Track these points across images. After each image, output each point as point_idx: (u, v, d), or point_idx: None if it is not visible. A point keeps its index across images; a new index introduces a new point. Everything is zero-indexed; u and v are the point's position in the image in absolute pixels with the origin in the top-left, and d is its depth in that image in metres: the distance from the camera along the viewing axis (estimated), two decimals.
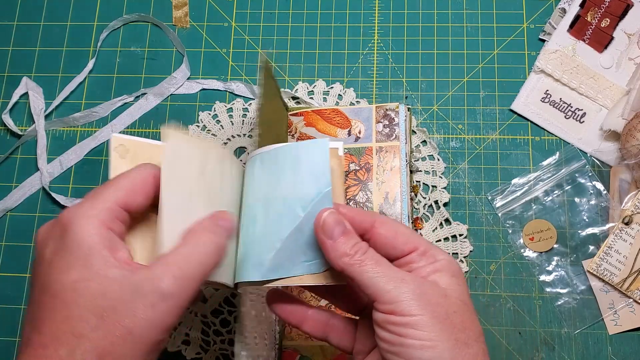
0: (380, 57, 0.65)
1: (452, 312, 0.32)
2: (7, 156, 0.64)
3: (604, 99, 0.61)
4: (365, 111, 0.59)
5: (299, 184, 0.37)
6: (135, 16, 0.67)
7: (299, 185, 0.37)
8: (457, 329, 0.32)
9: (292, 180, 0.37)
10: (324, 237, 0.34)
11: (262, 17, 0.67)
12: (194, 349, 0.57)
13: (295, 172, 0.38)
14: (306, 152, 0.38)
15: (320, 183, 0.37)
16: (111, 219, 0.31)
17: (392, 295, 0.32)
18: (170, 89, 0.65)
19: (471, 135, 0.62)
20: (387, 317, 0.32)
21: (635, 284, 0.55)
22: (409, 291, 0.32)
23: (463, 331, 0.32)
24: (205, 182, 0.37)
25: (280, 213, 0.37)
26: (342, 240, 0.34)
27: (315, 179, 0.37)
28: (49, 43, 0.68)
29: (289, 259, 0.37)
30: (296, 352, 0.54)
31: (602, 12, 0.62)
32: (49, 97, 0.65)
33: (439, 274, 0.34)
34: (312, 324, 0.39)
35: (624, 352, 0.55)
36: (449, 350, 0.31)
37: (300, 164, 0.38)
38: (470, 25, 0.65)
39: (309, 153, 0.38)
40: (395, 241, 0.35)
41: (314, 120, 0.59)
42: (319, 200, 0.36)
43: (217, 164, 0.39)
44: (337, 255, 0.34)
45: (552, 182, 0.59)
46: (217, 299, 0.58)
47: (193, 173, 0.37)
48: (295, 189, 0.37)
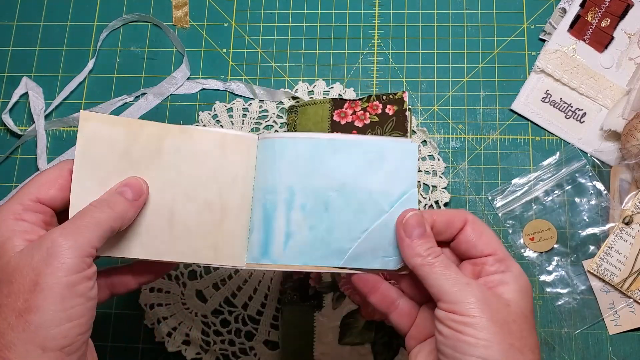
0: (380, 57, 0.65)
1: (511, 321, 0.34)
2: (7, 156, 0.64)
3: (604, 99, 0.61)
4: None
5: (386, 181, 0.40)
6: (135, 16, 0.67)
7: (387, 182, 0.40)
8: (513, 336, 0.34)
9: (378, 175, 0.40)
10: (404, 234, 0.38)
11: (262, 17, 0.67)
12: (194, 349, 0.57)
13: (382, 168, 0.40)
14: (393, 150, 0.40)
15: (407, 183, 0.40)
16: (23, 212, 0.35)
17: (456, 296, 0.35)
18: (170, 89, 0.65)
19: (471, 135, 0.62)
20: (449, 315, 0.35)
21: (635, 284, 0.55)
22: (472, 295, 0.35)
23: (519, 339, 0.34)
24: (131, 161, 0.39)
25: (364, 205, 0.40)
26: (419, 242, 0.37)
27: (403, 178, 0.40)
28: (49, 43, 0.68)
29: (370, 251, 0.39)
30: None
31: (603, 12, 0.62)
32: (49, 97, 0.65)
33: (506, 286, 0.36)
34: (381, 297, 0.41)
35: (624, 352, 0.55)
36: (502, 352, 0.33)
37: (386, 161, 0.40)
38: (470, 25, 0.65)
39: (395, 152, 0.40)
40: (479, 242, 0.38)
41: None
42: (405, 199, 0.39)
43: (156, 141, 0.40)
44: (411, 254, 0.37)
45: (552, 182, 0.59)
46: (217, 299, 0.58)
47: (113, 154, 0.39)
48: (382, 185, 0.40)
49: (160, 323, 0.57)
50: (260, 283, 0.58)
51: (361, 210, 0.40)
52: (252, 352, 0.57)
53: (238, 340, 0.57)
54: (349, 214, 0.40)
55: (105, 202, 0.36)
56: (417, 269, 0.37)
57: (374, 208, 0.39)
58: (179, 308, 0.58)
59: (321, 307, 0.55)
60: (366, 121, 0.59)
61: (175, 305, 0.58)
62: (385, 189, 0.40)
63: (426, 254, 0.37)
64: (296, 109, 0.61)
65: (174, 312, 0.57)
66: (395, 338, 0.54)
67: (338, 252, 0.40)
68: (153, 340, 0.57)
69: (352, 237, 0.40)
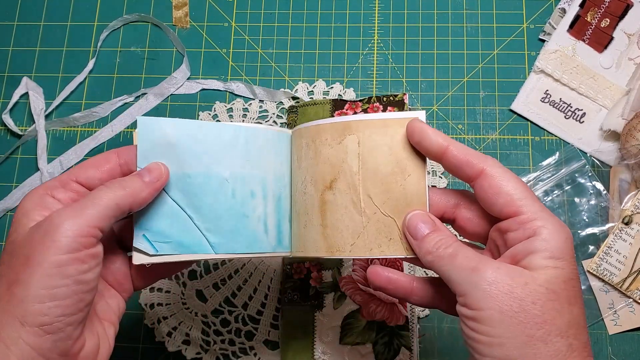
0: (380, 57, 0.65)
1: (529, 304, 0.29)
2: (7, 156, 0.64)
3: (603, 99, 0.61)
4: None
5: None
6: (135, 16, 0.67)
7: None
8: (531, 324, 0.29)
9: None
10: (410, 237, 0.35)
11: (262, 17, 0.67)
12: (194, 349, 0.57)
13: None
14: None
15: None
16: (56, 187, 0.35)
17: (463, 288, 0.31)
18: (170, 89, 0.65)
19: (471, 135, 0.62)
20: (462, 310, 0.31)
21: (635, 284, 0.55)
22: (479, 282, 0.30)
23: (541, 326, 0.29)
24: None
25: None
26: (427, 239, 0.34)
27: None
28: (49, 43, 0.68)
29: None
30: None
31: (602, 12, 0.62)
32: (49, 97, 0.65)
33: (533, 256, 0.31)
34: (419, 296, 0.38)
35: (624, 352, 0.55)
36: (519, 348, 0.29)
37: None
38: (470, 25, 0.65)
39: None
40: (496, 199, 0.33)
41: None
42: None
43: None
44: (422, 254, 0.34)
45: (552, 182, 0.59)
46: (217, 299, 0.58)
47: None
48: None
49: (160, 323, 0.57)
50: (260, 283, 0.58)
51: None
52: (252, 352, 0.57)
53: (238, 340, 0.57)
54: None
55: (118, 182, 0.35)
56: (431, 266, 0.34)
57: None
58: (179, 308, 0.58)
59: (322, 307, 0.55)
60: None
61: (175, 305, 0.58)
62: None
63: (434, 248, 0.33)
64: (296, 109, 0.61)
65: (174, 312, 0.58)
66: (397, 338, 0.54)
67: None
68: (153, 340, 0.57)
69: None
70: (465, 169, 0.34)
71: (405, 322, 0.55)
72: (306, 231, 0.39)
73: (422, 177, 0.36)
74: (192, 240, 0.37)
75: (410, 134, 0.35)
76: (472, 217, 0.36)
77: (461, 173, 0.34)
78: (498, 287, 0.30)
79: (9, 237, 0.34)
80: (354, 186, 0.37)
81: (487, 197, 0.33)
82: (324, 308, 0.55)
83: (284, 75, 0.65)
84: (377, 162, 0.37)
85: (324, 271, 0.57)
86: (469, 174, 0.34)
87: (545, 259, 0.30)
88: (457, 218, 0.37)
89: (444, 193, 0.38)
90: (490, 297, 0.29)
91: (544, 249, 0.31)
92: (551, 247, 0.31)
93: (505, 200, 0.32)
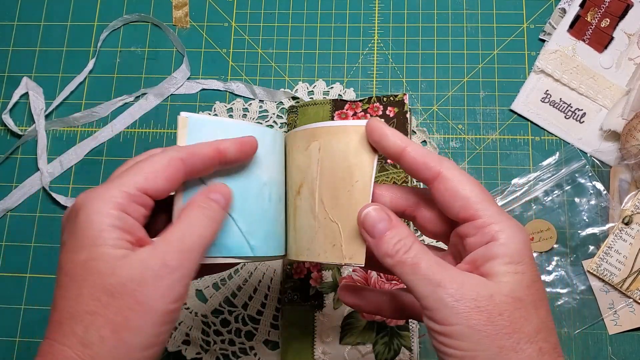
0: (380, 57, 0.65)
1: (496, 316, 0.29)
2: (7, 156, 0.64)
3: (603, 99, 0.61)
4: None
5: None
6: (135, 16, 0.67)
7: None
8: (501, 335, 0.29)
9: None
10: (367, 235, 0.33)
11: (262, 17, 0.67)
12: (194, 349, 0.57)
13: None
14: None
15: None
16: (127, 202, 0.31)
17: (428, 302, 0.30)
18: (170, 89, 0.65)
19: (471, 135, 0.62)
20: (429, 324, 0.31)
21: (635, 284, 0.55)
22: (445, 299, 0.29)
23: (510, 335, 0.29)
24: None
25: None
26: (385, 238, 0.32)
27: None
28: (49, 43, 0.68)
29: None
30: None
31: (602, 12, 0.62)
32: (49, 97, 0.65)
33: (492, 262, 0.30)
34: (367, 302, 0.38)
35: (624, 352, 0.55)
36: (491, 359, 0.29)
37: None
38: (470, 25, 0.65)
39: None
40: (452, 203, 0.32)
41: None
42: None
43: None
44: (381, 255, 0.32)
45: (552, 182, 0.59)
46: (217, 299, 0.58)
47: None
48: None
49: None
50: (260, 283, 0.58)
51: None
52: (252, 352, 0.57)
53: (238, 340, 0.57)
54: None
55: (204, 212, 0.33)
56: (392, 270, 0.32)
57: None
58: None
59: (322, 307, 0.55)
60: None
61: None
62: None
63: (394, 251, 0.31)
64: (296, 109, 0.61)
65: None
66: (397, 338, 0.54)
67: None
68: None
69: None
70: (423, 170, 0.33)
71: (405, 322, 0.55)
72: (287, 234, 0.40)
73: (368, 184, 0.35)
74: (235, 242, 0.37)
75: (370, 132, 0.35)
76: (432, 217, 0.36)
77: (419, 175, 0.33)
78: (464, 304, 0.29)
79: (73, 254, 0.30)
80: (312, 191, 0.37)
81: (444, 201, 0.32)
82: (324, 308, 0.55)
83: (284, 75, 0.65)
84: (331, 167, 0.37)
85: (324, 271, 0.57)
86: (427, 176, 0.33)
87: (506, 265, 0.30)
88: (418, 216, 0.36)
89: (405, 191, 0.37)
90: (458, 313, 0.29)
91: (503, 254, 0.30)
92: (510, 252, 0.30)
93: (462, 203, 0.32)
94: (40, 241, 0.61)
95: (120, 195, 0.31)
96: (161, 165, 0.33)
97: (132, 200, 0.32)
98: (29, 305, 0.60)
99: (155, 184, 0.32)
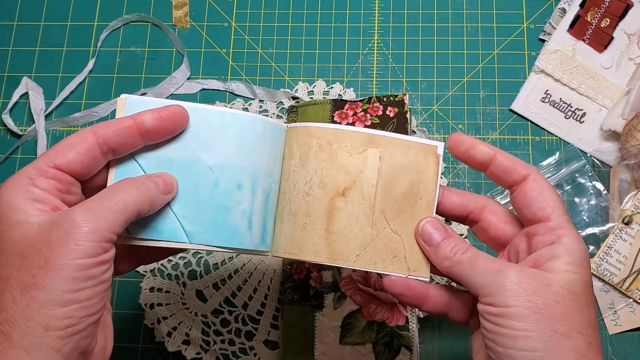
0: (380, 57, 0.65)
1: (552, 302, 0.32)
2: (7, 156, 0.64)
3: (604, 99, 0.61)
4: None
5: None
6: (135, 16, 0.67)
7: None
8: (555, 320, 0.31)
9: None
10: (425, 244, 0.37)
11: (262, 17, 0.67)
12: (194, 349, 0.57)
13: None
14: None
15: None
16: (36, 176, 0.33)
17: (489, 289, 0.33)
18: (170, 89, 0.65)
19: (471, 135, 0.62)
20: (486, 308, 0.33)
21: (635, 284, 0.55)
22: (504, 283, 0.32)
23: (564, 322, 0.31)
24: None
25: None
26: (442, 245, 0.36)
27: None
28: (49, 43, 0.68)
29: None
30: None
31: (602, 12, 0.62)
32: (49, 97, 0.65)
33: (555, 261, 0.33)
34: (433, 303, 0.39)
35: (624, 352, 0.55)
36: (544, 341, 0.31)
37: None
38: (470, 25, 0.65)
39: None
40: (534, 203, 0.36)
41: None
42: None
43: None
44: (439, 260, 0.36)
45: (552, 182, 0.59)
46: (217, 299, 0.58)
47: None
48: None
49: (160, 323, 0.57)
50: (260, 283, 0.58)
51: None
52: (252, 352, 0.57)
53: (238, 340, 0.57)
54: None
55: (136, 186, 0.34)
56: (449, 271, 0.36)
57: None
58: (179, 308, 0.58)
59: (322, 307, 0.55)
60: (367, 122, 0.59)
61: (175, 305, 0.58)
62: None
63: (452, 254, 0.35)
64: (296, 109, 0.61)
65: (174, 312, 0.58)
66: (397, 338, 0.54)
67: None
68: (153, 340, 0.57)
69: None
70: (512, 174, 0.37)
71: (405, 323, 0.55)
72: (305, 233, 0.38)
73: (432, 202, 0.38)
74: (167, 226, 0.36)
75: (457, 144, 0.38)
76: (496, 220, 0.39)
77: (507, 178, 0.37)
78: (523, 287, 0.32)
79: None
80: (369, 198, 0.38)
81: (525, 200, 0.36)
82: (324, 308, 0.55)
83: (284, 75, 0.65)
84: (394, 179, 0.38)
85: (324, 271, 0.57)
86: (515, 179, 0.37)
87: (567, 264, 0.33)
88: (482, 220, 0.39)
89: (472, 195, 0.40)
90: (518, 295, 0.32)
91: (566, 255, 0.33)
92: (572, 254, 0.33)
93: (541, 205, 0.35)
94: None
95: (30, 172, 0.33)
96: (73, 140, 0.35)
97: (41, 174, 0.34)
98: None
99: (66, 158, 0.34)
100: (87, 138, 0.35)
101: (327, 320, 0.55)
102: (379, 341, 0.54)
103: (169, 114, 0.36)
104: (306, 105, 0.61)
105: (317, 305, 0.55)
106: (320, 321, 0.55)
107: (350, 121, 0.59)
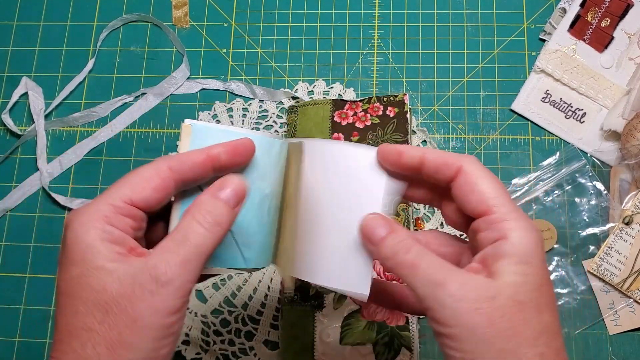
0: (380, 57, 0.65)
1: (497, 318, 0.28)
2: (7, 156, 0.64)
3: (604, 99, 0.61)
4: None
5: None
6: (135, 16, 0.67)
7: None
8: (501, 338, 0.28)
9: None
10: (368, 242, 0.33)
11: (262, 17, 0.67)
12: (193, 349, 0.56)
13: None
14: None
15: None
16: (112, 214, 0.31)
17: (430, 303, 0.29)
18: (170, 88, 0.64)
19: (471, 135, 0.62)
20: (432, 324, 0.30)
21: (635, 284, 0.55)
22: (444, 300, 0.29)
23: (510, 339, 0.28)
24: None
25: None
26: (384, 244, 0.32)
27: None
28: (49, 43, 0.68)
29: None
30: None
31: (603, 12, 0.62)
32: (48, 97, 0.65)
33: (500, 262, 0.29)
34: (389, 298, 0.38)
35: (624, 352, 0.55)
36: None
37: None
38: (470, 25, 0.65)
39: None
40: (469, 197, 0.31)
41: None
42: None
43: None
44: (381, 259, 0.32)
45: (552, 182, 0.59)
46: (217, 299, 0.58)
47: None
48: None
49: None
50: (260, 283, 0.58)
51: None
52: (252, 352, 0.57)
53: (238, 340, 0.57)
54: None
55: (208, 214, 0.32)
56: (394, 272, 0.32)
57: None
58: None
59: (322, 307, 0.55)
60: (367, 122, 0.59)
61: None
62: None
63: (392, 253, 0.31)
64: (296, 109, 0.61)
65: None
66: (397, 338, 0.54)
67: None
68: None
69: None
70: (445, 170, 0.33)
71: (405, 323, 0.54)
72: (292, 249, 0.39)
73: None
74: (229, 254, 0.36)
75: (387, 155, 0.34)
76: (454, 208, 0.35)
77: (442, 176, 0.33)
78: (464, 305, 0.29)
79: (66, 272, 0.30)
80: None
81: (461, 194, 0.32)
82: (324, 308, 0.55)
83: (284, 75, 0.65)
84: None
85: None
86: (448, 175, 0.33)
87: (514, 265, 0.29)
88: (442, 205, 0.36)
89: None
90: (458, 315, 0.29)
91: (512, 253, 0.29)
92: (519, 252, 0.30)
93: (478, 198, 0.31)
94: (40, 241, 0.61)
95: (105, 209, 0.31)
96: (148, 174, 0.32)
97: (117, 212, 0.31)
98: (29, 305, 0.60)
99: (142, 194, 0.32)
100: (163, 173, 0.32)
101: (327, 320, 0.55)
102: (379, 341, 0.54)
103: (242, 149, 0.34)
104: (306, 105, 0.61)
105: (317, 306, 0.55)
106: (321, 321, 0.55)
107: (350, 121, 0.59)
